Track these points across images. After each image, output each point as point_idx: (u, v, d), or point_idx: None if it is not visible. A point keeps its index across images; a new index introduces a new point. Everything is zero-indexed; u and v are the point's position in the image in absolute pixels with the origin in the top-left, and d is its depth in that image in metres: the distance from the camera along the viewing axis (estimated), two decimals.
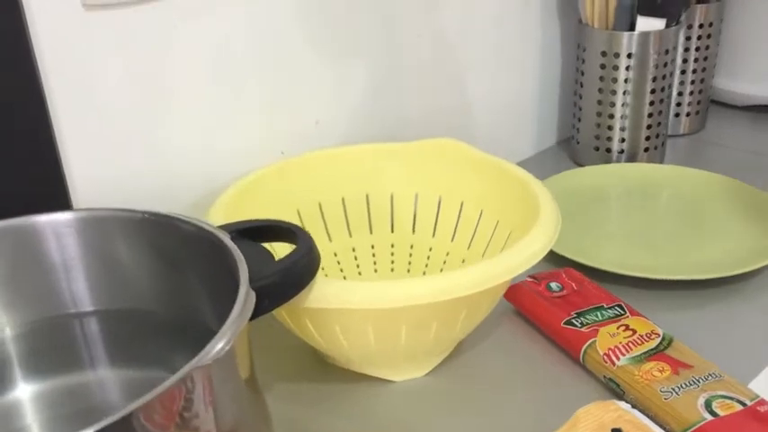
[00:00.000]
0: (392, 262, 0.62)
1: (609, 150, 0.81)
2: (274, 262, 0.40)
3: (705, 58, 0.88)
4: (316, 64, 0.62)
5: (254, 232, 0.43)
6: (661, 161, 0.82)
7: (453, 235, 0.60)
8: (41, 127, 0.47)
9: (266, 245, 0.42)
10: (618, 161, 0.81)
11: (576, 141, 0.83)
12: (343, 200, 0.62)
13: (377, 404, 0.50)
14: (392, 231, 0.62)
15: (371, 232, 0.62)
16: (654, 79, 0.77)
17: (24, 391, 0.41)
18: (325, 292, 0.42)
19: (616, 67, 0.77)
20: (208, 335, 0.35)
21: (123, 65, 0.50)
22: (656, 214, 0.73)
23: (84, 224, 0.40)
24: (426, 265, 0.61)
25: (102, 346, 0.42)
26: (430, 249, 0.61)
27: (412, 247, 0.62)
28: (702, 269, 0.61)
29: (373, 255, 0.62)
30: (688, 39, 0.86)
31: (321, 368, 0.54)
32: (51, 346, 0.42)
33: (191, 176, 0.56)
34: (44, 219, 0.40)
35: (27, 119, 0.46)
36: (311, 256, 0.41)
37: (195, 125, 0.56)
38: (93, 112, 0.50)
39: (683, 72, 0.88)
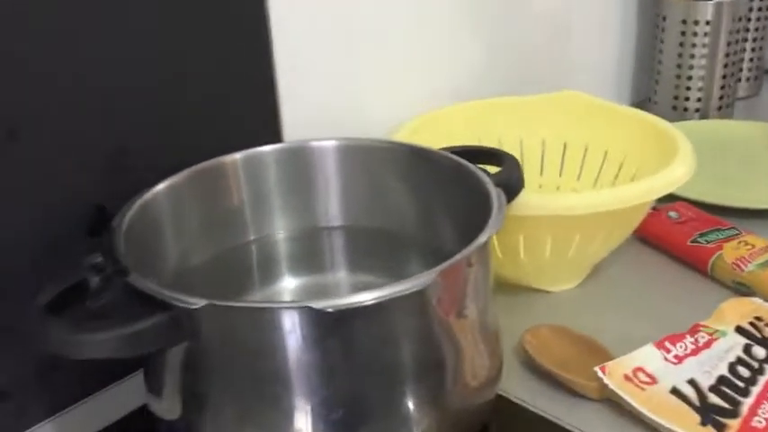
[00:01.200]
0: None
1: (686, 109, 0.90)
2: (493, 176, 0.49)
3: (763, 28, 0.97)
4: (447, 35, 0.72)
5: (464, 155, 0.51)
6: (730, 118, 0.92)
7: (579, 174, 0.70)
8: (267, 69, 0.55)
9: None
10: (692, 119, 0.91)
11: (653, 102, 0.93)
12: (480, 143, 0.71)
13: (540, 309, 0.59)
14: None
15: None
16: (728, 44, 0.87)
17: (290, 283, 0.50)
18: (532, 201, 0.51)
19: (695, 34, 0.87)
20: (441, 251, 0.43)
21: (326, 23, 0.60)
22: (733, 160, 0.82)
23: (345, 150, 0.49)
24: None
25: (345, 255, 0.51)
26: (557, 188, 0.71)
27: (540, 186, 0.71)
28: None
29: None
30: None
31: None
32: (307, 249, 0.51)
33: (366, 117, 0.65)
34: (315, 144, 0.49)
35: (258, 66, 0.55)
36: (520, 172, 0.50)
37: (369, 77, 0.66)
38: (302, 59, 0.59)
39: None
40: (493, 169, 0.50)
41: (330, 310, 0.34)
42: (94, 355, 0.35)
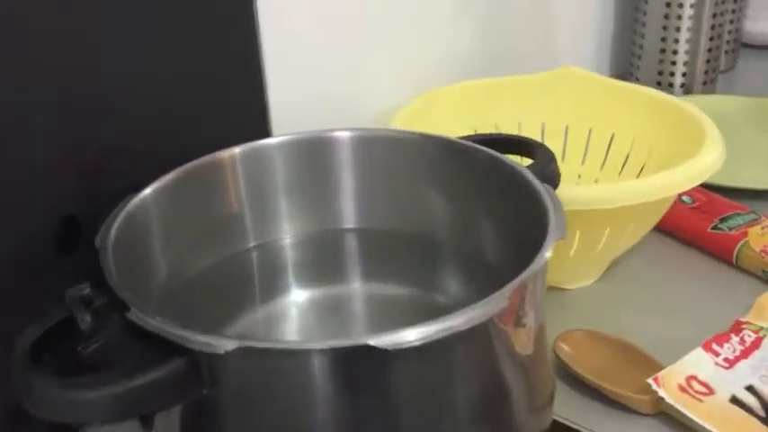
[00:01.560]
0: None
1: (671, 85, 0.86)
2: (528, 168, 0.43)
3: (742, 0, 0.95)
4: (435, 14, 0.67)
5: (489, 145, 0.45)
6: (713, 92, 0.89)
7: (583, 159, 0.65)
8: (254, 62, 0.48)
9: None
10: (677, 94, 0.87)
11: (635, 78, 0.89)
12: (475, 131, 0.65)
13: (559, 307, 0.54)
14: (521, 159, 0.66)
15: None
16: (713, 15, 0.83)
17: (298, 296, 0.43)
18: (564, 195, 0.45)
19: (680, 5, 0.83)
20: (478, 254, 0.37)
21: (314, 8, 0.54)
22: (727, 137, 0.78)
23: (360, 142, 0.42)
24: None
25: (360, 261, 0.44)
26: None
27: None
28: None
29: None
30: None
31: None
32: (317, 256, 0.44)
33: (359, 100, 0.59)
34: (326, 135, 0.42)
35: (244, 57, 0.47)
36: (555, 163, 0.44)
37: (362, 61, 0.60)
38: (291, 45, 0.52)
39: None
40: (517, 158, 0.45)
41: (389, 348, 0.28)
42: (91, 419, 0.27)
